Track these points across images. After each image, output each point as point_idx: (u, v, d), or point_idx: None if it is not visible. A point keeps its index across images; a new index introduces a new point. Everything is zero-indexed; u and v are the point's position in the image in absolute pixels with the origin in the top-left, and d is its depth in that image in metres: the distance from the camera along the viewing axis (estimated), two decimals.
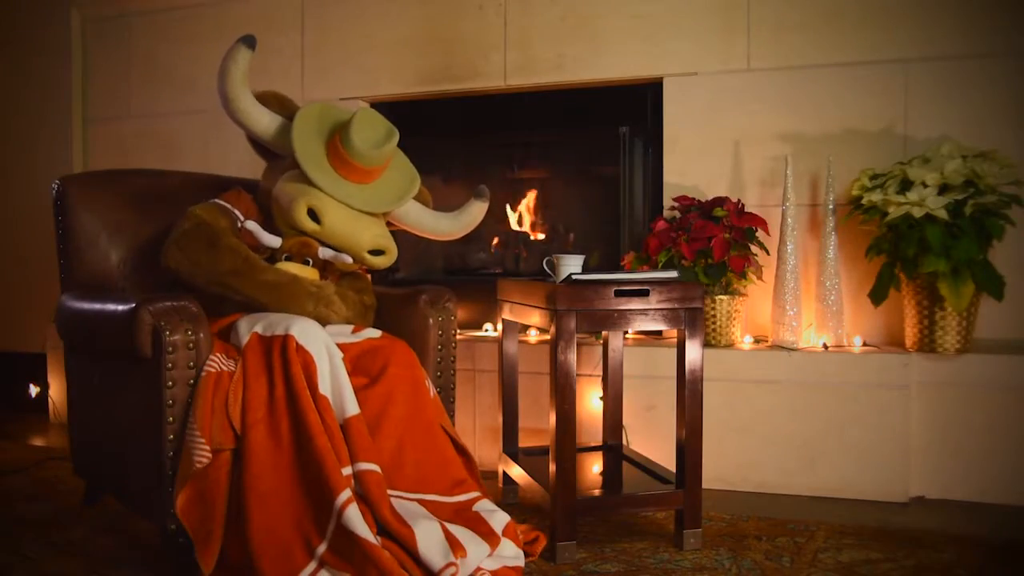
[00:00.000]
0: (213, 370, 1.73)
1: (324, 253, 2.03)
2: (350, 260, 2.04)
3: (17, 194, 3.69)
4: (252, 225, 2.00)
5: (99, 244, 2.17)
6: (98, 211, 2.18)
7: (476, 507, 1.84)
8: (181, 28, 3.46)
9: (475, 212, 2.35)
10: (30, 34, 3.69)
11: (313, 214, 1.95)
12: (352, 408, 1.76)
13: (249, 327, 1.84)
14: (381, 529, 1.65)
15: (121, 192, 2.25)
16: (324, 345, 1.80)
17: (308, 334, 1.79)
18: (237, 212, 2.06)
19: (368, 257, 2.05)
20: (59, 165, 3.54)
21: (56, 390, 3.45)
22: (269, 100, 2.10)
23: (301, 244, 2.02)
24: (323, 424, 1.70)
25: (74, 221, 2.15)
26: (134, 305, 1.71)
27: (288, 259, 2.01)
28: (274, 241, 2.01)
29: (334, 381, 1.78)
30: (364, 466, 1.69)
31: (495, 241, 3.31)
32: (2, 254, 3.74)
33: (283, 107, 2.11)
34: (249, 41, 2.01)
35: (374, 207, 2.06)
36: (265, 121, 2.06)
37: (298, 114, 2.05)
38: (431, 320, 2.10)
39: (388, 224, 2.21)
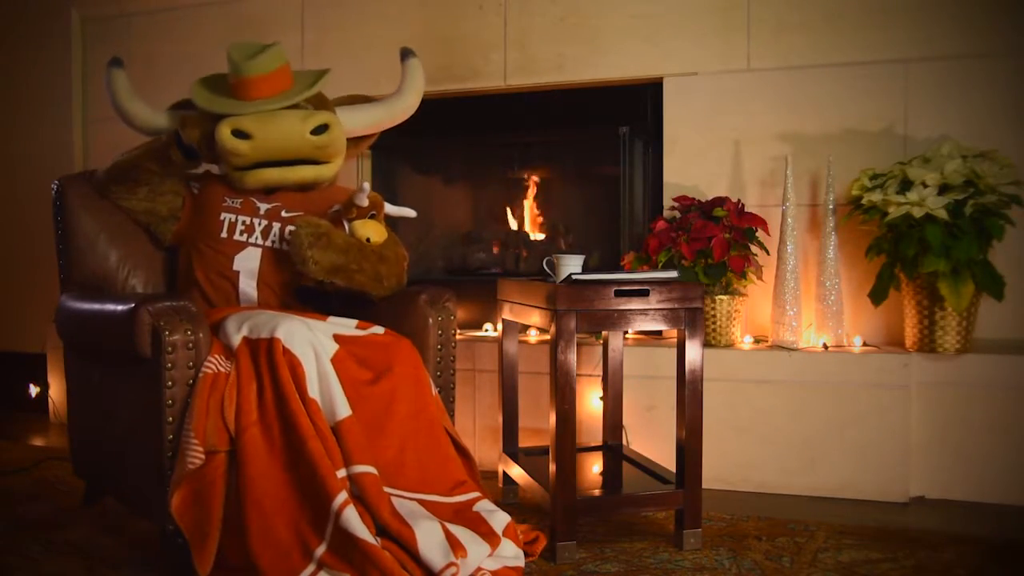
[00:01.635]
0: (211, 371, 1.72)
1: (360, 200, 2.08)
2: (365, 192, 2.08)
3: (17, 194, 3.69)
4: (366, 185, 2.06)
5: (98, 244, 2.17)
6: (98, 211, 2.18)
7: (476, 507, 1.83)
8: (181, 28, 3.46)
9: (413, 72, 2.34)
10: (30, 34, 3.69)
11: (240, 133, 2.01)
12: (343, 411, 1.73)
13: (236, 327, 1.82)
14: (380, 529, 1.65)
15: None
16: (311, 347, 1.77)
17: (294, 336, 1.76)
18: None
19: (314, 139, 2.07)
20: (59, 165, 3.54)
21: (56, 390, 3.45)
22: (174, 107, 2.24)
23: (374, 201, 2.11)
24: (315, 428, 1.69)
25: (74, 221, 2.15)
26: (133, 305, 1.71)
27: (372, 216, 2.09)
28: (364, 199, 2.07)
29: (323, 384, 1.75)
30: (360, 468, 1.68)
31: (495, 241, 3.31)
32: (2, 254, 3.74)
33: (181, 106, 2.25)
34: (114, 63, 2.25)
35: (288, 100, 2.10)
36: (164, 120, 2.18)
37: (194, 85, 2.18)
38: (431, 320, 2.09)
39: (352, 146, 2.28)
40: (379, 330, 1.98)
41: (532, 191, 3.24)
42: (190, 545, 1.64)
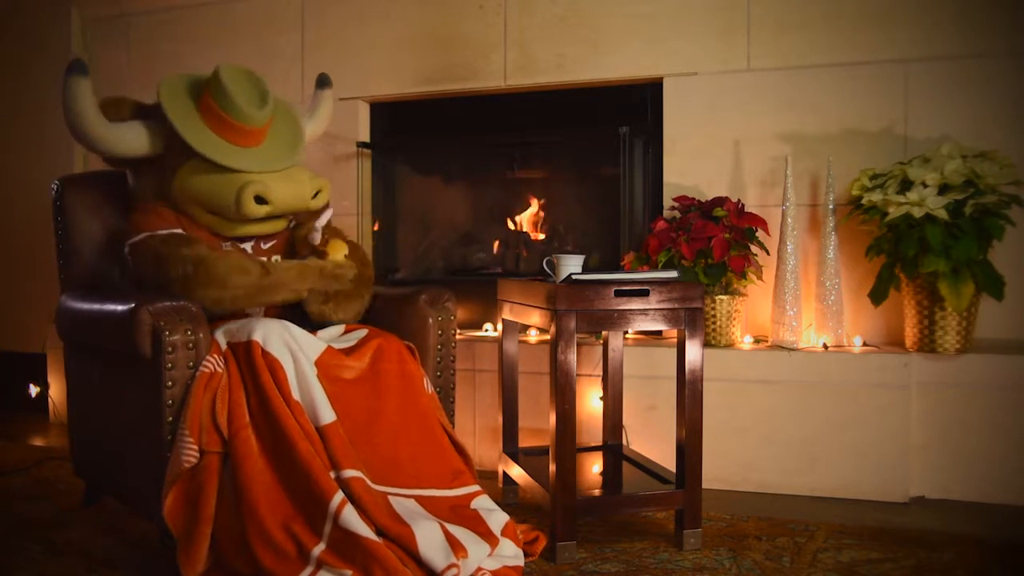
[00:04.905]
0: (207, 370, 1.72)
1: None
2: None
3: (17, 194, 3.69)
4: (317, 229, 2.08)
5: (98, 244, 2.17)
6: (97, 211, 2.17)
7: (474, 504, 1.83)
8: (181, 28, 3.46)
9: (324, 104, 2.35)
10: (30, 34, 3.69)
11: (260, 199, 1.94)
12: (327, 415, 1.73)
13: (221, 334, 1.82)
14: (378, 531, 1.64)
15: (120, 192, 2.25)
16: (287, 349, 1.76)
17: (270, 338, 1.76)
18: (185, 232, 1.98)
19: (311, 203, 2.05)
20: (59, 165, 3.53)
21: (56, 390, 3.45)
22: (110, 111, 1.93)
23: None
24: (302, 430, 1.69)
25: (73, 221, 2.15)
26: (133, 305, 1.71)
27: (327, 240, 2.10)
28: (318, 238, 2.10)
29: (303, 387, 1.75)
30: (349, 473, 1.68)
31: (495, 241, 3.31)
32: (2, 254, 3.74)
33: (121, 110, 1.98)
34: (78, 68, 1.79)
35: (292, 158, 2.07)
36: (132, 137, 1.93)
37: (166, 104, 1.93)
38: (431, 320, 2.10)
39: None
40: (363, 332, 1.98)
41: (532, 191, 3.24)
42: (177, 547, 1.64)
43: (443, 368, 2.11)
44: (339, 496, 1.62)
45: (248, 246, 2.08)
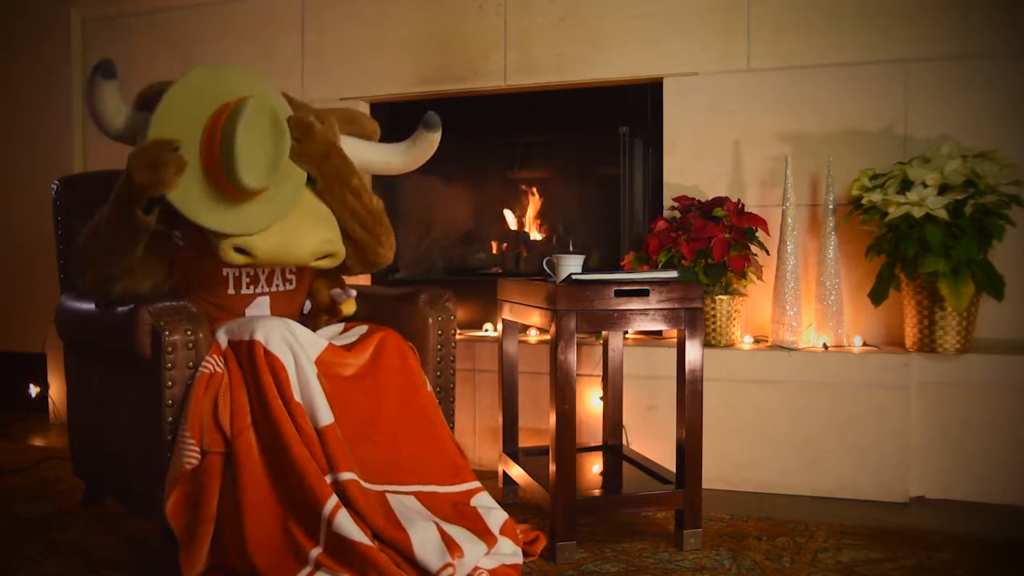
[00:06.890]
0: (207, 371, 1.72)
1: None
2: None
3: (17, 194, 3.68)
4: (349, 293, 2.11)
5: None
6: (97, 211, 2.17)
7: (474, 501, 1.83)
8: (181, 28, 3.46)
9: (425, 144, 2.08)
10: (30, 34, 3.69)
11: (242, 250, 1.75)
12: (325, 417, 1.72)
13: (222, 332, 1.81)
14: (374, 533, 1.64)
15: None
16: (288, 348, 1.75)
17: (273, 338, 1.75)
18: None
19: (313, 264, 1.87)
20: (59, 165, 3.54)
21: (56, 390, 3.45)
22: (145, 96, 1.84)
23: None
24: (301, 432, 1.69)
25: (73, 221, 2.16)
26: (133, 305, 1.71)
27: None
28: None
29: (304, 389, 1.74)
30: (345, 476, 1.67)
31: (495, 241, 3.31)
32: (2, 254, 3.74)
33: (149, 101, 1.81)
34: (105, 71, 1.72)
35: (280, 214, 1.79)
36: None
37: (157, 116, 1.72)
38: (431, 320, 2.09)
39: None
40: (362, 328, 1.98)
41: (532, 191, 3.24)
42: (180, 547, 1.64)
43: (443, 368, 2.11)
44: (332, 501, 1.62)
45: (262, 272, 1.98)
